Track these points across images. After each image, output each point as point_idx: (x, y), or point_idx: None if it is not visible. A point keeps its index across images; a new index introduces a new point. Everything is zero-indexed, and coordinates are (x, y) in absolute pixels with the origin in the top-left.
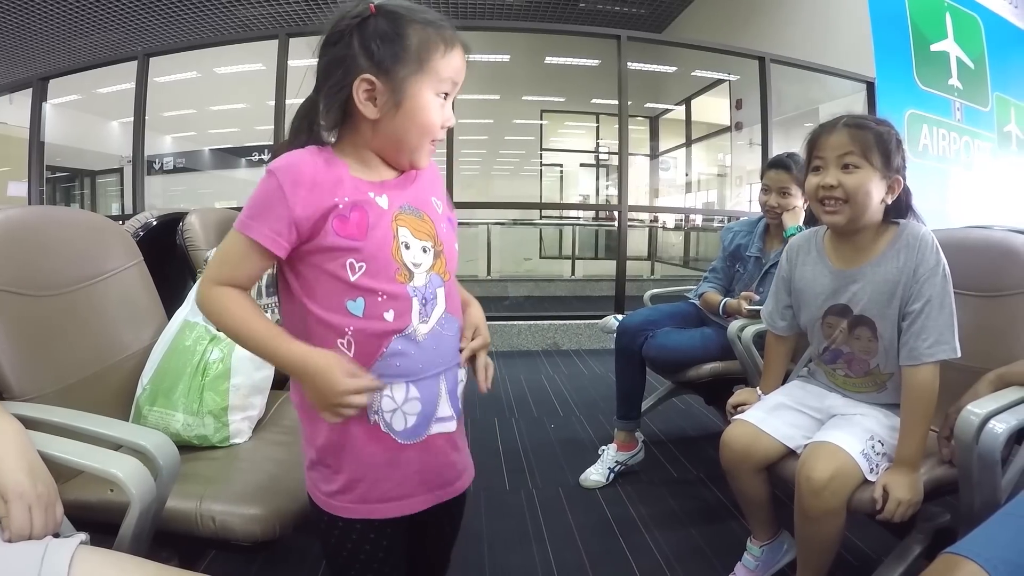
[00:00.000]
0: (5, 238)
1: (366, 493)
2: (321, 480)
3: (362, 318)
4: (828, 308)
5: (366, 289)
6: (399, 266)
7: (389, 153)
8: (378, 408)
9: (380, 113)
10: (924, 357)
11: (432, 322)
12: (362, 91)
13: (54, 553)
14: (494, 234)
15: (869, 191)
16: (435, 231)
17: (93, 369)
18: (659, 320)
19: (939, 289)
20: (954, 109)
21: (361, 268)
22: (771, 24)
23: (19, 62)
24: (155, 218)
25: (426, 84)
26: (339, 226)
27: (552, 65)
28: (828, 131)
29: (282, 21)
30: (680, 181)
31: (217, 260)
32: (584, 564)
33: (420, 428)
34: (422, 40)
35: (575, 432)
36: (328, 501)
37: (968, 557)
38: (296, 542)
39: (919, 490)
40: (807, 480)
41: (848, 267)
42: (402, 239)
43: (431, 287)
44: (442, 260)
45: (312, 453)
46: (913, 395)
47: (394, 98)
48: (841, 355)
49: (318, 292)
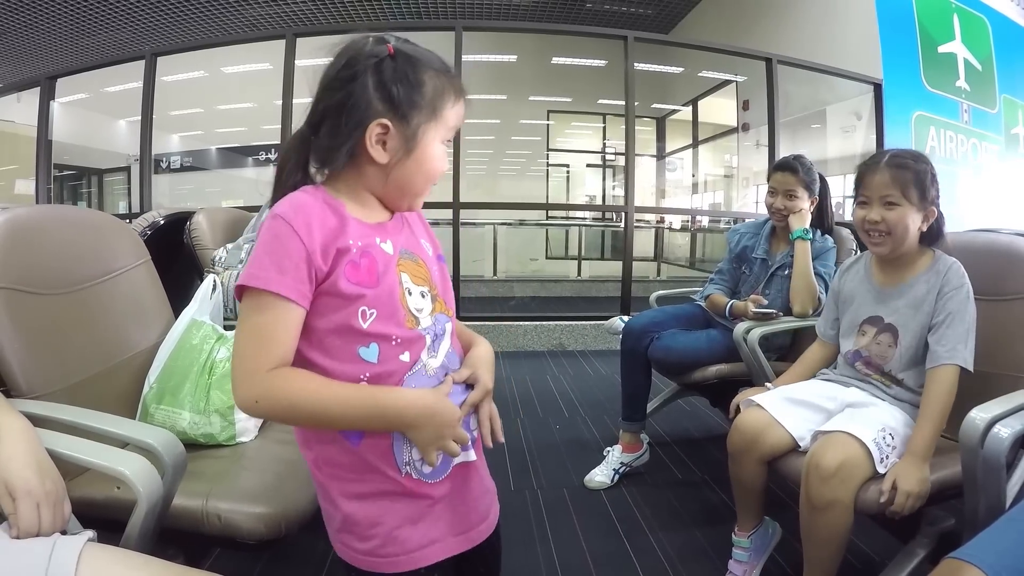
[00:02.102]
0: (13, 236)
1: (407, 542)
2: (355, 540)
3: (377, 364)
4: (866, 318)
5: (379, 335)
6: (406, 312)
7: (392, 197)
8: (409, 459)
9: (390, 158)
10: (943, 359)
11: (441, 356)
12: (375, 135)
13: (62, 550)
14: (500, 234)
15: (907, 224)
16: (429, 275)
17: (100, 367)
18: (665, 321)
19: (958, 306)
20: (961, 111)
21: (372, 315)
22: (778, 25)
23: (27, 61)
24: (163, 217)
25: (437, 132)
26: (351, 272)
27: (559, 65)
28: (872, 170)
29: (289, 21)
30: (687, 182)
31: (251, 345)
32: (588, 565)
33: (445, 464)
34: (437, 88)
35: (580, 433)
36: (366, 560)
37: (971, 563)
38: (301, 541)
39: (927, 483)
40: (816, 467)
41: (888, 286)
42: (405, 285)
43: (439, 324)
44: (440, 302)
45: (339, 516)
46: (931, 394)
47: (407, 145)
48: (860, 357)
49: (326, 343)
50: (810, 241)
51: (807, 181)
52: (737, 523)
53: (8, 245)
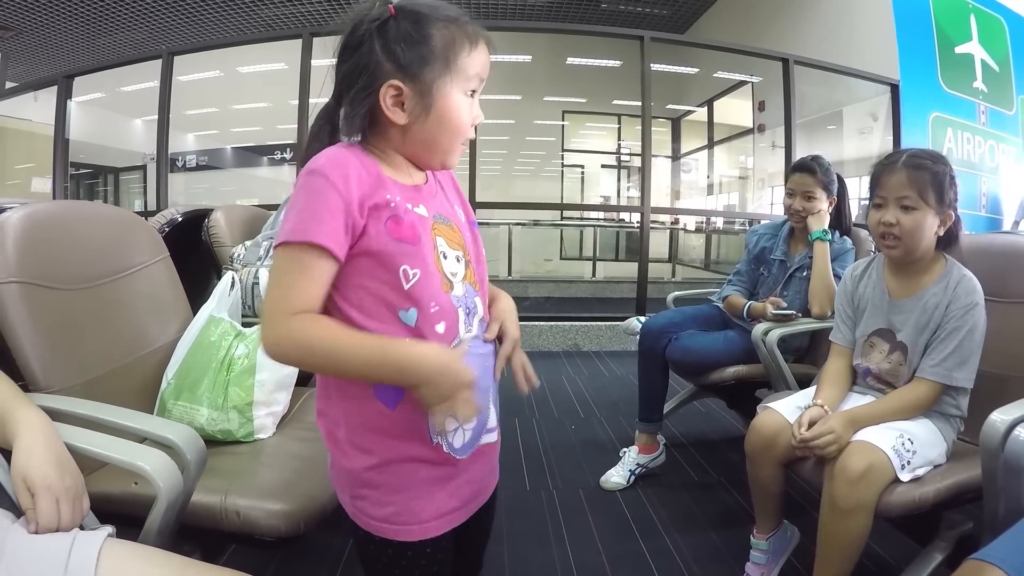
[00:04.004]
0: (32, 232)
1: (422, 512)
2: (370, 506)
3: (414, 328)
4: (875, 329)
5: (418, 299)
6: (442, 276)
7: (420, 157)
8: (441, 429)
9: (409, 118)
10: (926, 374)
11: (475, 329)
12: (389, 97)
13: (82, 545)
14: (515, 234)
15: (923, 229)
16: (463, 240)
17: (118, 363)
18: (683, 322)
19: (961, 323)
20: (979, 112)
21: (415, 276)
22: (794, 25)
23: (44, 60)
24: (181, 214)
25: (455, 84)
26: (394, 228)
27: (573, 66)
28: (889, 170)
29: (305, 21)
30: (702, 183)
31: (279, 290)
32: (603, 565)
33: (473, 441)
34: (447, 39)
35: (596, 434)
36: (380, 526)
37: (994, 563)
38: (316, 538)
39: (844, 440)
40: (842, 471)
41: (900, 296)
42: (440, 248)
43: (469, 296)
44: (471, 269)
45: (356, 481)
46: (901, 396)
47: (423, 102)
48: (870, 372)
49: (366, 302)
50: (829, 242)
51: (825, 182)
52: (756, 525)
53: (27, 240)
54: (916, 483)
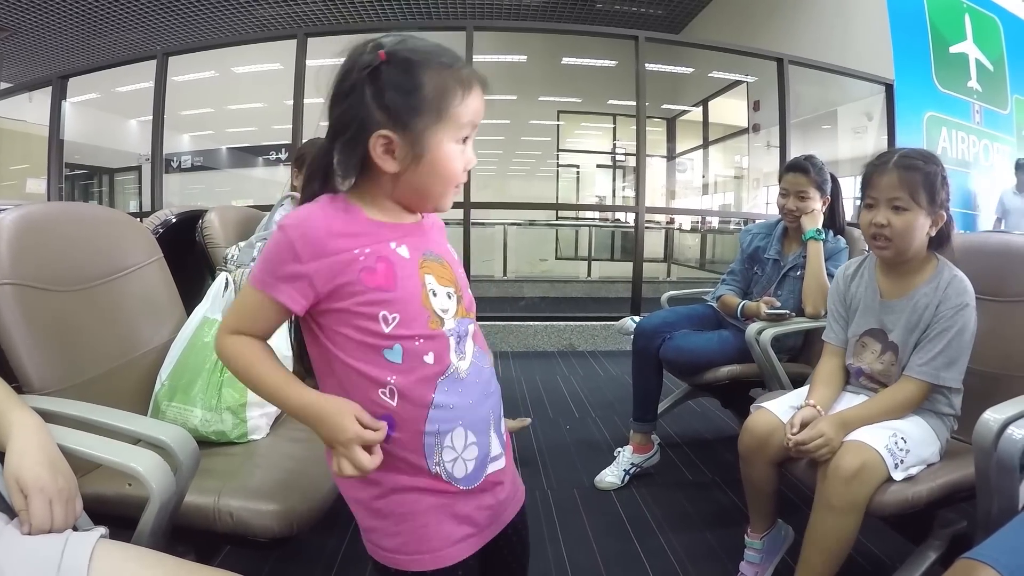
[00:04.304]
0: (26, 233)
1: (430, 541)
2: (380, 537)
3: (401, 364)
4: (867, 329)
5: (401, 337)
6: (430, 313)
7: (412, 202)
8: (439, 460)
9: (400, 167)
10: (914, 372)
11: (469, 356)
12: (380, 146)
13: (75, 546)
14: (510, 234)
15: (915, 230)
16: (455, 276)
17: (112, 364)
18: (677, 322)
19: (950, 324)
20: (973, 112)
21: (395, 320)
22: (789, 25)
23: (39, 61)
24: (175, 215)
25: (447, 133)
26: (368, 278)
27: (569, 66)
28: (880, 171)
29: (300, 21)
30: (697, 183)
31: (234, 311)
32: (598, 565)
33: (478, 472)
34: (439, 88)
35: (590, 433)
36: (393, 557)
37: (986, 562)
38: (310, 539)
39: (836, 442)
40: (835, 470)
41: (891, 296)
42: (429, 287)
43: (462, 325)
44: (463, 305)
45: (366, 512)
46: (889, 395)
47: (414, 152)
48: (863, 373)
49: (350, 345)
50: (822, 242)
51: (819, 181)
52: (750, 525)
53: (20, 242)
54: (909, 482)
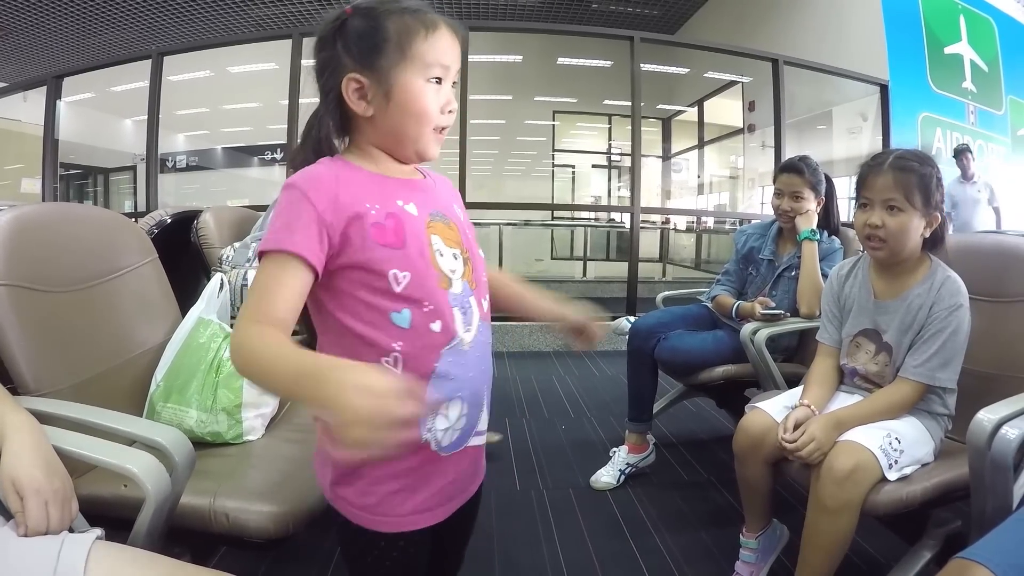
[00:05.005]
0: (21, 234)
1: (401, 507)
2: (353, 494)
3: (409, 330)
4: (861, 330)
5: (412, 300)
6: (439, 273)
7: (393, 148)
8: (432, 427)
9: (373, 109)
10: (908, 374)
11: (474, 330)
12: (351, 90)
13: (71, 548)
14: (506, 235)
15: (909, 231)
16: (461, 238)
17: (107, 365)
18: (672, 322)
19: (944, 324)
20: (968, 112)
21: (406, 278)
22: (784, 26)
23: (34, 60)
24: (169, 216)
25: (412, 71)
26: (378, 234)
27: (564, 66)
28: (875, 172)
29: (295, 20)
30: (692, 183)
31: (252, 297)
32: (593, 565)
33: (461, 441)
34: (400, 28)
35: (586, 433)
36: (360, 515)
37: (979, 562)
38: (306, 539)
39: (830, 443)
40: (829, 470)
41: (885, 296)
42: (435, 247)
43: (466, 295)
44: (470, 267)
45: (341, 467)
46: (884, 396)
47: (382, 90)
48: (857, 373)
49: (359, 307)
50: (817, 242)
51: (813, 182)
52: (745, 524)
53: (14, 243)
54: (904, 482)
